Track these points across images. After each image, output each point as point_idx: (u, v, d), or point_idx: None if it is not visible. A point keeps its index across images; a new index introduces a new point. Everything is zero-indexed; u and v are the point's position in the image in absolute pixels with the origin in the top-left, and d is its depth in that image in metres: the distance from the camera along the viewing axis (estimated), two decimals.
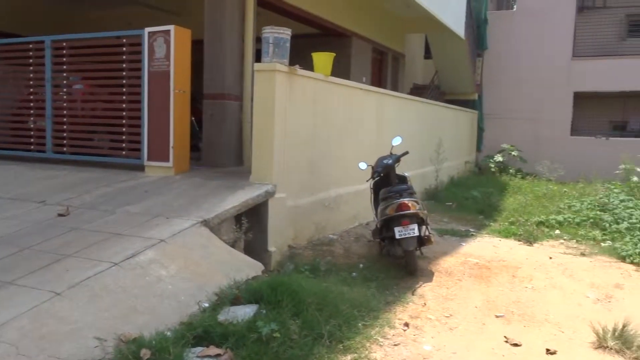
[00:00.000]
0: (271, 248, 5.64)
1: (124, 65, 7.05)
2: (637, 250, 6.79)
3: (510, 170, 15.45)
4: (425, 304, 5.00)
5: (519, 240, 7.85)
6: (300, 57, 6.64)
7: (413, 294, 5.21)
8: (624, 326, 4.21)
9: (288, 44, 5.79)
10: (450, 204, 10.54)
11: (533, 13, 17.03)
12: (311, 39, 10.83)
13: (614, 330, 4.22)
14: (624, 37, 19.05)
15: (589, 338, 4.32)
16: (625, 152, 12.53)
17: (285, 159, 5.94)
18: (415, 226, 5.57)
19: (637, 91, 16.92)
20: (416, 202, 5.77)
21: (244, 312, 3.83)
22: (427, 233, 5.94)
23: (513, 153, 16.48)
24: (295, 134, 6.10)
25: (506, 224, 8.89)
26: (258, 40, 6.23)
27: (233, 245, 5.16)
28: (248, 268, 4.76)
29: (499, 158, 16.29)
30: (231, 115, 7.43)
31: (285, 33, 5.72)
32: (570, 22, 16.87)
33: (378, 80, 13.62)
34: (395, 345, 4.08)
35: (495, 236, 8.12)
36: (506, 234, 8.20)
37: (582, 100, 17.56)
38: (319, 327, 3.87)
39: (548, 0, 16.91)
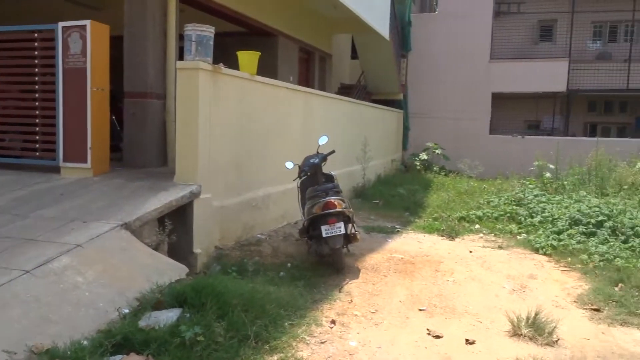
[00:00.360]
0: (197, 250, 5.53)
1: (37, 61, 6.66)
2: (549, 242, 7.21)
3: (435, 168, 16.01)
4: (351, 300, 5.07)
5: (442, 236, 8.14)
6: (226, 55, 6.54)
7: (340, 291, 5.27)
8: (536, 314, 4.45)
9: (211, 42, 5.68)
10: (377, 201, 10.76)
11: (454, 16, 17.71)
12: (237, 38, 10.71)
13: (527, 318, 4.45)
14: (537, 41, 20.26)
15: (505, 327, 4.54)
16: (538, 149, 13.28)
17: (210, 159, 5.83)
18: (342, 224, 5.63)
19: (549, 92, 18.05)
20: (342, 200, 5.84)
21: (167, 316, 3.73)
22: (353, 231, 6.02)
23: (437, 151, 17.07)
24: (220, 133, 6.01)
25: (430, 220, 9.18)
26: (182, 38, 6.07)
27: (156, 248, 5.01)
28: (171, 271, 4.64)
29: (423, 156, 16.82)
30: (154, 114, 7.20)
31: (209, 31, 5.62)
32: (488, 26, 17.69)
33: (305, 79, 13.67)
34: (322, 342, 4.11)
35: (420, 232, 8.38)
36: (430, 229, 8.49)
37: (500, 100, 18.47)
38: (245, 328, 3.83)
39: (467, 4, 17.63)
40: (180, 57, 6.29)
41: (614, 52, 19.20)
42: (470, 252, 7.08)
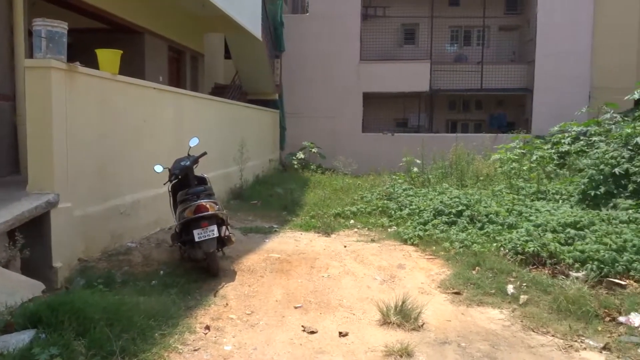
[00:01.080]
0: (57, 264, 5.09)
1: None
2: (416, 233, 7.67)
3: (312, 166, 16.33)
4: (227, 304, 4.98)
5: (319, 233, 8.31)
6: (88, 54, 6.11)
7: (215, 296, 5.16)
8: (403, 302, 4.70)
9: (65, 39, 5.26)
10: (255, 202, 10.74)
11: (324, 17, 18.20)
12: (100, 35, 10.07)
13: (395, 306, 4.68)
14: (401, 44, 21.44)
15: (376, 316, 4.73)
16: (406, 146, 14.09)
17: (69, 164, 5.40)
18: (215, 227, 5.52)
19: (414, 92, 19.21)
20: (215, 203, 5.71)
21: (18, 339, 3.38)
22: (227, 233, 5.92)
23: (313, 150, 17.44)
24: (80, 137, 5.58)
25: (307, 217, 9.34)
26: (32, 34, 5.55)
27: (7, 265, 4.53)
28: (24, 289, 4.22)
29: (300, 155, 17.09)
30: (1, 117, 6.52)
31: (61, 26, 5.19)
32: (357, 28, 18.41)
33: (176, 79, 13.23)
34: (195, 350, 3.98)
35: (298, 230, 8.49)
36: (307, 227, 8.63)
37: (370, 99, 19.33)
38: (109, 344, 3.59)
39: (336, 7, 18.21)
40: (31, 54, 5.76)
41: (469, 54, 20.92)
42: (345, 246, 7.31)
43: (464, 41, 21.86)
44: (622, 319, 4.74)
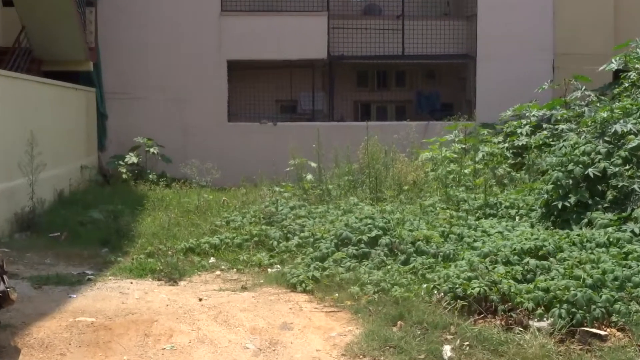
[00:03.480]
0: None
1: None
2: (309, 274, 7.71)
3: (151, 176, 16.01)
4: None
5: (160, 279, 8.20)
6: None
7: None
8: None
9: None
10: (57, 234, 10.40)
11: None
12: None
13: None
14: None
15: None
16: (295, 141, 14.21)
17: None
18: None
19: (305, 60, 19.43)
20: None
21: None
22: (3, 288, 5.59)
23: (152, 150, 17.09)
24: None
25: (142, 256, 9.17)
26: None
27: None
28: None
29: (132, 159, 16.71)
30: None
31: None
32: None
33: None
34: None
35: (126, 277, 8.33)
36: (141, 271, 8.49)
37: (239, 72, 19.30)
38: None
39: None
40: None
41: (384, 5, 21.48)
42: (200, 300, 7.23)
43: None
44: None
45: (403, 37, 19.87)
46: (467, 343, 5.71)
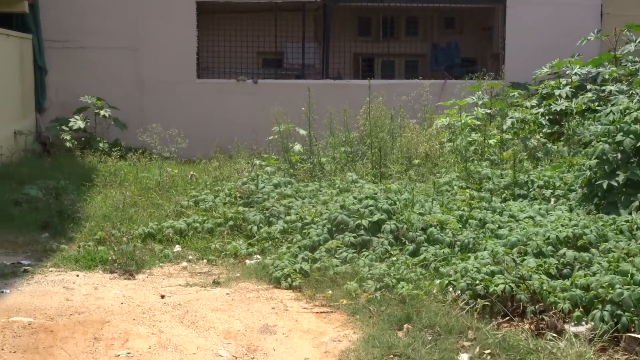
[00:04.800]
0: None
1: None
2: (296, 266, 7.79)
3: (101, 145, 16.05)
4: None
5: (113, 272, 8.24)
6: None
7: None
8: None
9: None
10: None
11: None
12: None
13: None
14: None
15: None
16: (281, 103, 14.21)
17: None
18: None
19: (295, 2, 19.40)
20: None
21: None
22: None
23: (103, 113, 17.08)
24: None
25: (90, 244, 9.21)
26: None
27: None
28: None
29: (78, 123, 16.70)
30: None
31: None
32: None
33: None
34: None
35: (71, 269, 8.37)
36: (89, 262, 8.53)
37: (212, 16, 19.26)
38: None
39: None
40: None
41: None
42: (163, 297, 7.29)
43: None
44: None
45: None
46: (488, 351, 5.79)
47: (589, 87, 13.19)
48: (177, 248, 9.15)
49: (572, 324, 6.08)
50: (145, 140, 14.50)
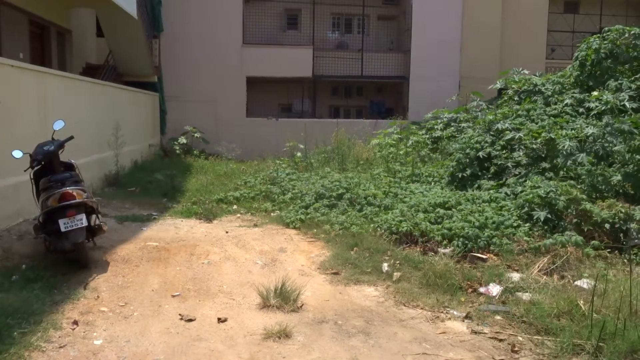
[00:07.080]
0: None
1: None
2: (298, 217, 7.77)
3: (195, 152, 15.92)
4: (98, 296, 4.72)
5: (200, 219, 8.12)
6: None
7: (85, 289, 4.87)
8: (282, 285, 4.76)
9: None
10: (133, 189, 10.27)
11: None
12: None
13: (275, 289, 4.74)
14: (284, 29, 21.46)
15: (256, 300, 4.75)
16: (290, 131, 14.17)
17: None
18: (83, 216, 5.19)
19: (297, 77, 19.34)
20: (82, 190, 5.36)
21: None
22: (97, 222, 5.61)
23: (196, 135, 16.98)
24: None
25: (189, 204, 9.08)
26: None
27: None
28: None
29: (183, 140, 16.57)
30: None
31: None
32: (239, 11, 18.10)
33: (41, 57, 12.16)
34: (61, 347, 3.74)
35: (178, 217, 8.24)
36: (188, 214, 8.40)
37: (254, 84, 19.15)
38: None
39: None
40: None
41: (350, 42, 21.43)
42: (227, 232, 7.23)
43: (345, 28, 22.33)
44: (482, 289, 5.19)
45: (362, 63, 19.80)
46: (398, 262, 5.83)
47: (452, 124, 13.15)
48: (235, 207, 9.07)
49: (442, 248, 6.12)
50: (218, 150, 14.44)
